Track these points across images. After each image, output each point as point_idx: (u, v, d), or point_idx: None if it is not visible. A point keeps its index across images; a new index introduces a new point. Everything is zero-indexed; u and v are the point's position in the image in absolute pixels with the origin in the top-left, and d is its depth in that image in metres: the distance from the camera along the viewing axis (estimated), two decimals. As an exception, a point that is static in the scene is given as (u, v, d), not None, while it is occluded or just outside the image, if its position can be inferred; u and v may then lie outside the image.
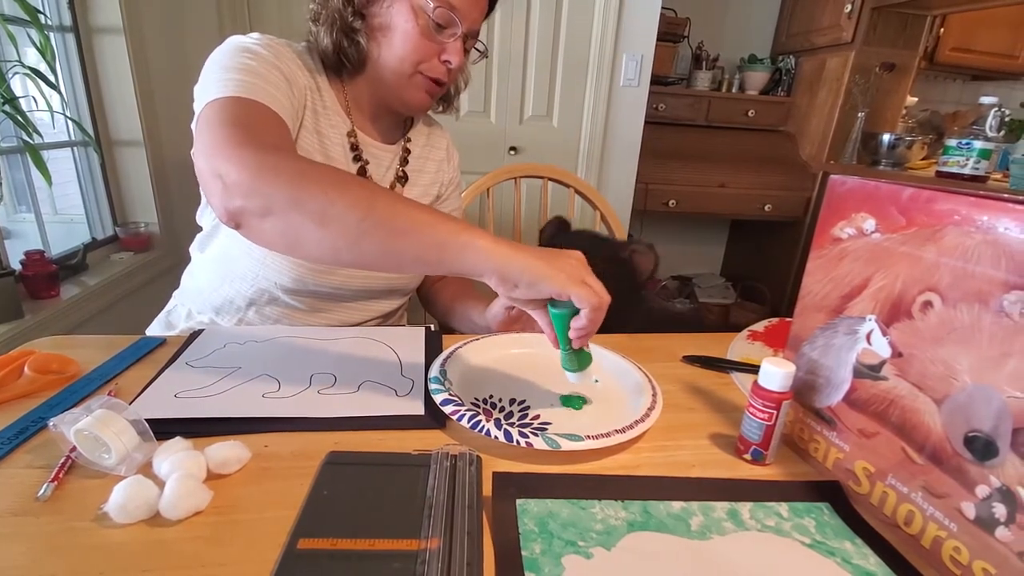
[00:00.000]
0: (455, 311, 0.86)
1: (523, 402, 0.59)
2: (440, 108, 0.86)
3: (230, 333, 0.71)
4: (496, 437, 0.50)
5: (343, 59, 0.73)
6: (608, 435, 0.51)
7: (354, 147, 0.77)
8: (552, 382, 0.63)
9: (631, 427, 0.52)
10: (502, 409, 0.57)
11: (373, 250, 0.50)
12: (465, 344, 0.68)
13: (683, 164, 2.35)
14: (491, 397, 0.59)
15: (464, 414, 0.52)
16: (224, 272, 0.77)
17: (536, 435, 0.50)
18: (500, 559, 0.38)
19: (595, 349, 0.69)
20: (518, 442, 0.49)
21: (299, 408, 0.54)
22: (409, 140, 0.86)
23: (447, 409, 0.53)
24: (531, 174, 1.21)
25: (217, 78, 0.61)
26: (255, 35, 0.69)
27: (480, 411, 0.54)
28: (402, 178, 0.83)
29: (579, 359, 0.55)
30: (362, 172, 0.78)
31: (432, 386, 0.57)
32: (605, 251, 0.93)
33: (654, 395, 0.59)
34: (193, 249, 0.83)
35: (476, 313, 0.78)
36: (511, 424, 0.53)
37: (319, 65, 0.75)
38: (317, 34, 0.72)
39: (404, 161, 0.84)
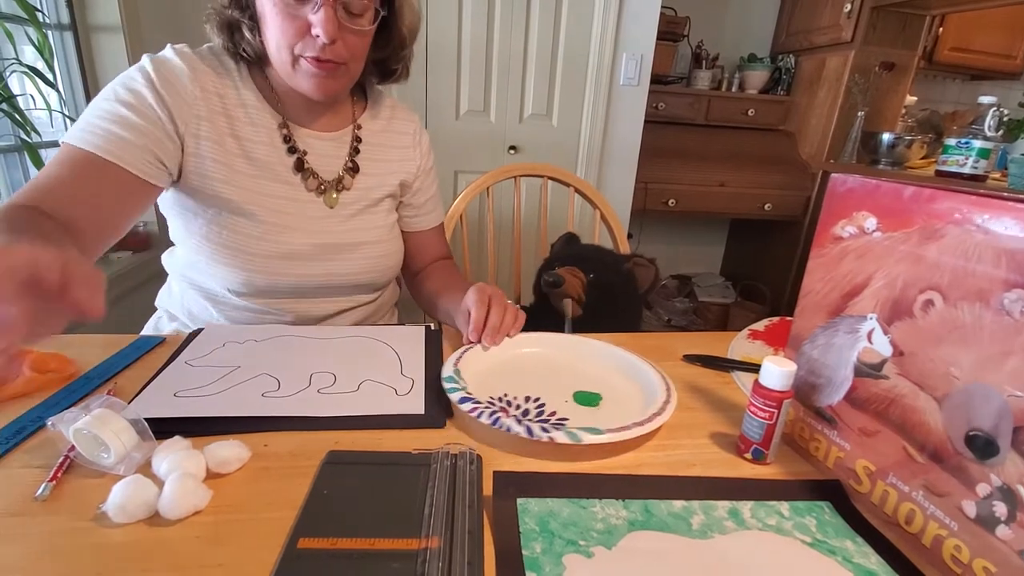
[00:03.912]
0: (437, 305, 0.85)
1: (538, 399, 0.59)
2: (377, 81, 0.83)
3: (229, 332, 0.70)
4: (517, 433, 0.50)
5: (244, 54, 0.72)
6: (628, 428, 0.51)
7: (287, 138, 0.75)
8: (566, 380, 0.64)
9: (649, 420, 0.53)
10: (518, 407, 0.57)
11: None
12: (476, 344, 0.68)
13: (683, 163, 2.35)
14: (506, 395, 0.59)
15: (483, 411, 0.52)
16: (185, 278, 0.78)
17: (557, 429, 0.50)
18: (501, 558, 0.38)
19: (608, 349, 0.70)
20: (540, 437, 0.49)
21: (299, 407, 0.54)
22: (360, 128, 0.82)
23: (465, 407, 0.53)
24: (531, 173, 1.21)
25: (87, 117, 0.65)
26: (153, 60, 0.68)
27: (498, 408, 0.54)
28: (351, 169, 0.80)
29: None
30: (299, 163, 0.75)
31: (447, 386, 0.57)
32: (607, 264, 0.95)
33: (668, 389, 0.59)
34: (164, 257, 0.83)
35: (454, 307, 0.76)
36: (529, 420, 0.53)
37: (238, 64, 0.74)
38: (210, 34, 0.71)
39: (355, 151, 0.81)
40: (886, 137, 2.16)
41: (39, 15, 1.26)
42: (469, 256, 1.19)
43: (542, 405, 0.58)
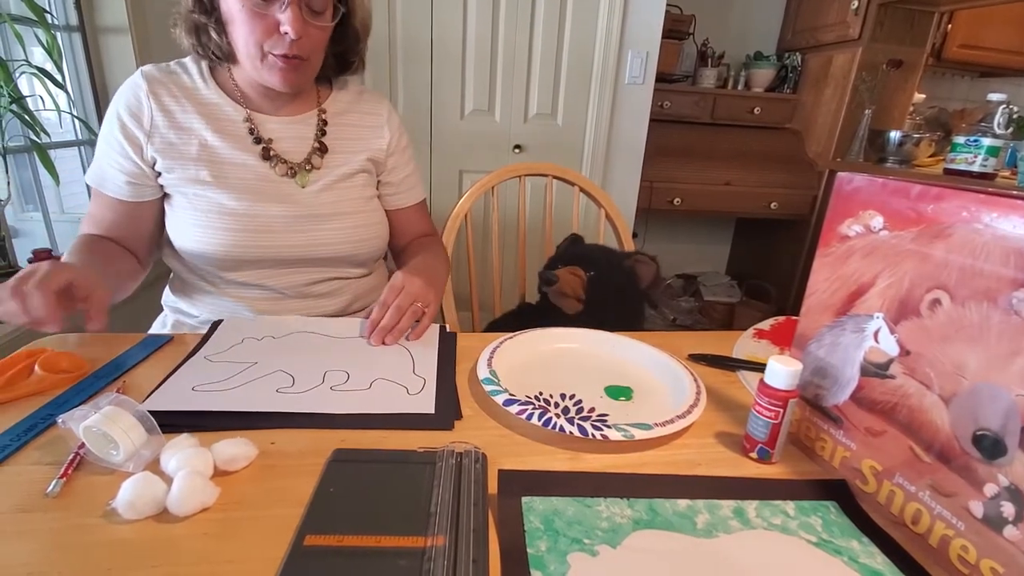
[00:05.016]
0: None
1: (573, 395, 0.60)
2: (336, 73, 0.87)
3: (248, 328, 0.71)
4: (571, 432, 0.50)
5: (212, 55, 0.76)
6: (672, 421, 0.52)
7: (251, 130, 0.79)
8: (594, 375, 0.65)
9: (689, 412, 0.54)
10: (556, 404, 0.58)
11: None
12: (500, 344, 0.68)
13: (688, 162, 2.34)
14: (541, 393, 0.60)
15: (532, 413, 0.53)
16: (181, 266, 0.83)
17: (608, 427, 0.51)
18: (506, 556, 0.38)
19: (636, 345, 0.71)
20: (593, 435, 0.50)
21: (312, 404, 0.55)
22: (324, 111, 0.85)
23: (512, 409, 0.53)
24: (535, 172, 1.20)
25: (94, 158, 0.77)
26: (121, 93, 0.75)
27: (539, 407, 0.54)
28: (319, 149, 0.83)
29: None
30: (266, 152, 0.79)
31: (488, 388, 0.57)
32: (608, 261, 0.96)
33: (695, 380, 0.60)
34: (166, 252, 0.86)
35: None
36: (570, 419, 0.53)
37: (201, 67, 0.79)
38: (179, 37, 0.76)
39: (322, 132, 0.84)
40: (894, 135, 2.15)
41: (48, 17, 1.27)
42: (474, 255, 1.19)
43: (579, 401, 0.59)
